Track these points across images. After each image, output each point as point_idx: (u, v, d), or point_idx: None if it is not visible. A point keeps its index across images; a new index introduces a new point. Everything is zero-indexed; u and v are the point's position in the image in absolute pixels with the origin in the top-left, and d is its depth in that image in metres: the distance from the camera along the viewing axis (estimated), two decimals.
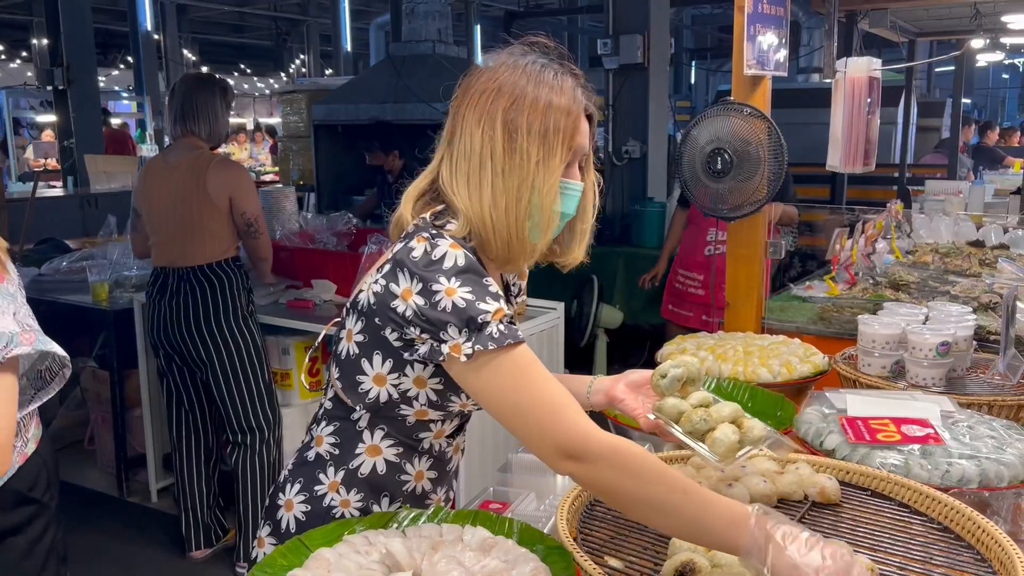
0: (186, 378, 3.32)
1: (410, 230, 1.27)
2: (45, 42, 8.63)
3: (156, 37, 13.78)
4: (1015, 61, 19.03)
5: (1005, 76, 25.47)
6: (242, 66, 21.50)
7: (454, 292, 1.17)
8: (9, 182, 9.99)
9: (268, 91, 18.52)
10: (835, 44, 3.12)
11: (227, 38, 20.21)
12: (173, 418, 3.41)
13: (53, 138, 11.12)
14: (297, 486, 1.37)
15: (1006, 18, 4.62)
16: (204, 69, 16.67)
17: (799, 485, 1.34)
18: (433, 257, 1.19)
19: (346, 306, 1.33)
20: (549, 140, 1.24)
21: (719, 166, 2.75)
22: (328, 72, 16.64)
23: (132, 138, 11.99)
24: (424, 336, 1.19)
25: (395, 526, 1.22)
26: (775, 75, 2.89)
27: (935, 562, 1.16)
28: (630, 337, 5.22)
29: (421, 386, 1.27)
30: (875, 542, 1.21)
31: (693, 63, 17.78)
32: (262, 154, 13.97)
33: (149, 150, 11.21)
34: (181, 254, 3.16)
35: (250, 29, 19.97)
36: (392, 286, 1.21)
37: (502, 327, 1.17)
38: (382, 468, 1.34)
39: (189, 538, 3.43)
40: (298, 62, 19.38)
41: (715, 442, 1.22)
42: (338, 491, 1.34)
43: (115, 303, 3.82)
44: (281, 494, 1.39)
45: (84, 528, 3.62)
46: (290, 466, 1.41)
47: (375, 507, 1.34)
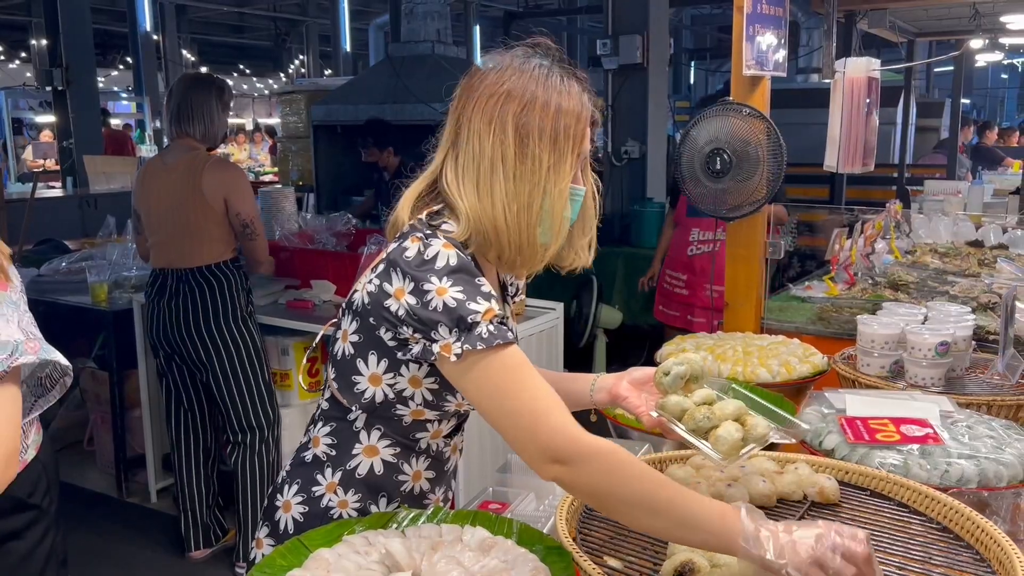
0: (185, 378, 3.32)
1: (405, 230, 1.27)
2: (44, 43, 8.63)
3: (155, 37, 13.78)
4: (1014, 61, 19.03)
5: (1004, 76, 25.49)
6: (241, 66, 21.51)
7: (445, 292, 1.17)
8: (8, 183, 9.99)
9: (267, 91, 18.52)
10: (834, 44, 3.12)
11: (226, 38, 20.22)
12: (172, 418, 3.40)
13: (52, 138, 11.13)
14: (295, 487, 1.37)
15: (1005, 18, 4.62)
16: (203, 69, 16.66)
17: (798, 485, 1.34)
18: (426, 257, 1.20)
19: (342, 306, 1.33)
20: (560, 145, 1.23)
21: (718, 166, 2.75)
22: (327, 72, 16.64)
23: (132, 139, 11.99)
24: (416, 336, 1.19)
25: (394, 526, 1.23)
26: (774, 75, 2.89)
27: (934, 562, 1.16)
28: (629, 337, 5.22)
29: (416, 386, 1.27)
30: (874, 542, 1.21)
31: (692, 63, 17.80)
32: (261, 154, 13.96)
33: (148, 151, 11.20)
34: (179, 256, 3.16)
35: (249, 29, 19.98)
36: (386, 285, 1.21)
37: (492, 328, 1.16)
38: (379, 468, 1.34)
39: (188, 538, 3.43)
40: (297, 62, 19.39)
41: (718, 440, 1.22)
42: (336, 492, 1.34)
43: (114, 304, 3.82)
44: (279, 495, 1.39)
45: (83, 529, 3.62)
46: (288, 467, 1.41)
47: (373, 507, 1.34)
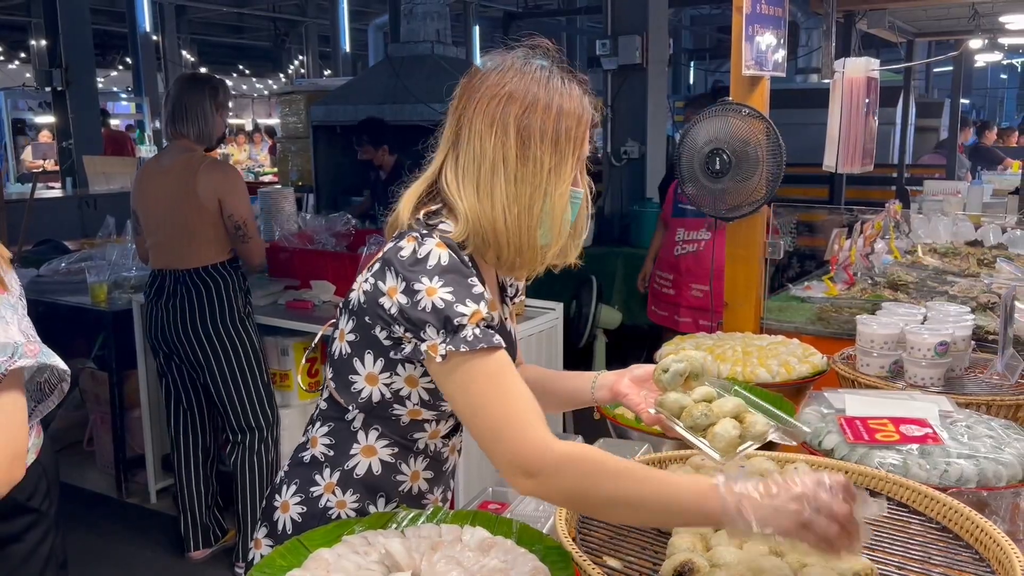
0: (185, 379, 3.32)
1: (403, 230, 1.27)
2: (44, 43, 8.62)
3: (155, 38, 13.79)
4: (1013, 61, 19.04)
5: (1003, 76, 25.51)
6: (241, 67, 21.51)
7: (435, 292, 1.17)
8: (8, 183, 9.98)
9: (267, 92, 18.50)
10: (833, 44, 3.12)
11: (226, 39, 20.22)
12: (172, 418, 3.40)
13: (50, 139, 11.12)
14: (293, 487, 1.37)
15: (1004, 18, 4.62)
16: (203, 70, 16.66)
17: None
18: (419, 256, 1.20)
19: (339, 306, 1.34)
20: (561, 147, 1.24)
21: (717, 166, 2.75)
22: (327, 73, 16.65)
23: (131, 139, 11.98)
24: (408, 335, 1.20)
25: (394, 526, 1.23)
26: (773, 75, 2.89)
27: (933, 561, 1.16)
28: (629, 337, 5.22)
29: (413, 385, 1.27)
30: (874, 542, 1.21)
31: (692, 63, 17.83)
32: (261, 155, 13.96)
33: (148, 151, 11.20)
34: (176, 257, 3.16)
35: (249, 30, 19.98)
36: (380, 284, 1.22)
37: (477, 331, 1.16)
38: (377, 469, 1.34)
39: (188, 538, 3.43)
40: (297, 63, 19.40)
41: (715, 437, 1.22)
42: (334, 492, 1.34)
43: (114, 304, 3.82)
44: (277, 495, 1.39)
45: (83, 529, 3.62)
46: (287, 467, 1.42)
47: (371, 508, 1.34)
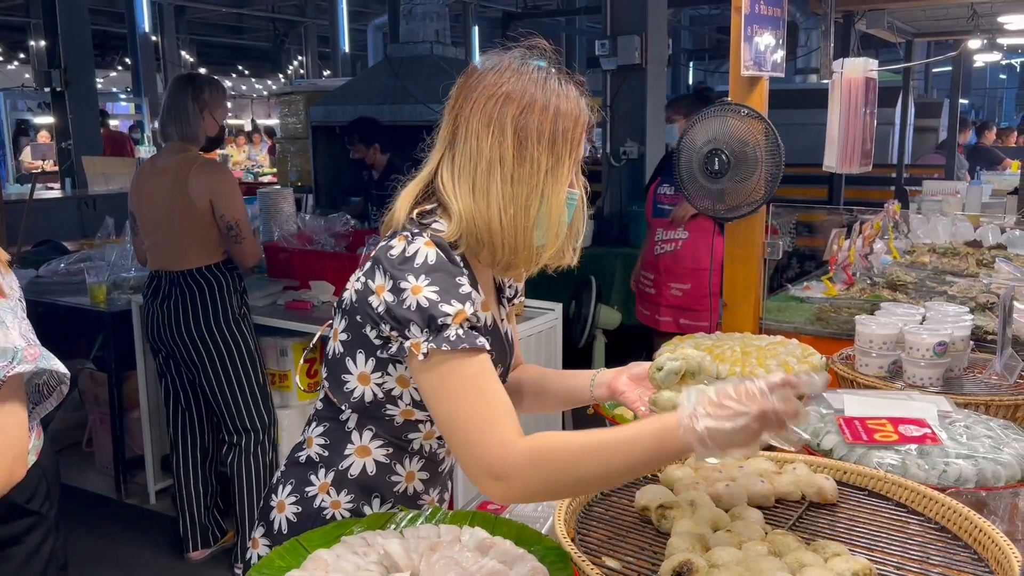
0: (183, 379, 3.32)
1: (397, 228, 1.28)
2: (43, 44, 8.62)
3: (154, 39, 13.79)
4: (1012, 61, 19.05)
5: (1003, 76, 25.53)
6: (240, 67, 21.51)
7: (420, 290, 1.17)
8: (7, 184, 9.99)
9: (266, 92, 18.51)
10: (831, 45, 3.12)
11: (225, 39, 20.22)
12: (171, 418, 3.41)
13: (49, 139, 11.11)
14: (289, 487, 1.37)
15: (1003, 19, 4.62)
16: (202, 70, 16.66)
17: (796, 485, 1.34)
18: (407, 255, 1.20)
19: (334, 306, 1.34)
20: (558, 148, 1.23)
21: (716, 167, 2.75)
22: (326, 73, 16.65)
23: (131, 140, 11.98)
24: (394, 333, 1.20)
25: (393, 527, 1.23)
26: (772, 76, 2.89)
27: (932, 562, 1.16)
28: (628, 338, 5.21)
29: (404, 385, 1.28)
30: (872, 542, 1.21)
31: (691, 64, 17.83)
32: (260, 155, 13.96)
33: (147, 152, 11.21)
34: (171, 258, 3.16)
35: (248, 30, 19.99)
36: (370, 283, 1.22)
37: (461, 331, 1.16)
38: (372, 469, 1.34)
39: (187, 539, 3.43)
40: (296, 63, 19.40)
41: None
42: (328, 492, 1.34)
43: (113, 305, 3.82)
44: (274, 495, 1.40)
45: (82, 530, 3.62)
46: (283, 467, 1.42)
47: (366, 508, 1.34)
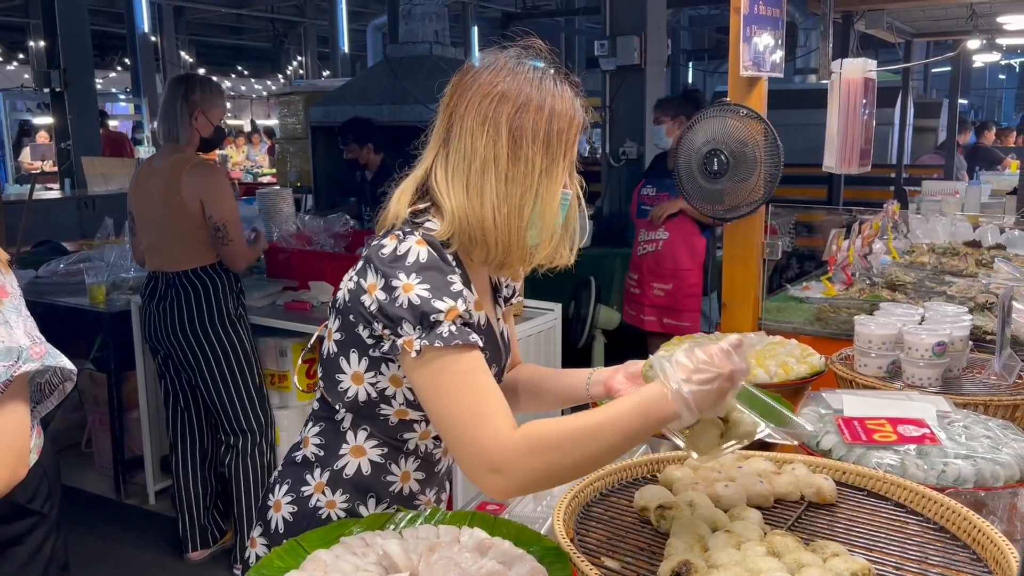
0: (182, 379, 3.32)
1: (389, 227, 1.28)
2: (42, 44, 8.61)
3: (153, 39, 13.79)
4: (1011, 62, 19.06)
5: (1002, 76, 25.54)
6: (239, 68, 21.51)
7: (411, 288, 1.17)
8: (6, 184, 9.98)
9: (265, 93, 18.52)
10: (830, 45, 3.12)
11: (224, 40, 20.22)
12: (170, 418, 3.41)
13: (48, 140, 11.11)
14: (285, 487, 1.38)
15: (1002, 19, 4.63)
16: (201, 71, 16.66)
17: (795, 486, 1.34)
18: (398, 253, 1.20)
19: (329, 305, 1.34)
20: (552, 148, 1.23)
21: (715, 167, 2.75)
22: (325, 74, 16.64)
23: (130, 140, 11.98)
24: (386, 331, 1.20)
25: (392, 528, 1.23)
26: (771, 76, 2.89)
27: (931, 562, 1.16)
28: (628, 338, 5.22)
29: (398, 385, 1.28)
30: (871, 542, 1.21)
31: (690, 64, 17.81)
32: (259, 156, 13.96)
33: (146, 152, 11.21)
34: (167, 259, 3.17)
35: (247, 31, 19.98)
36: (362, 282, 1.22)
37: (453, 328, 1.17)
38: (367, 469, 1.34)
39: (186, 539, 3.43)
40: (295, 64, 19.39)
41: (694, 434, 1.21)
42: (324, 492, 1.34)
43: (112, 305, 3.82)
44: (271, 495, 1.40)
45: (82, 531, 3.62)
46: (280, 467, 1.42)
47: (361, 508, 1.34)
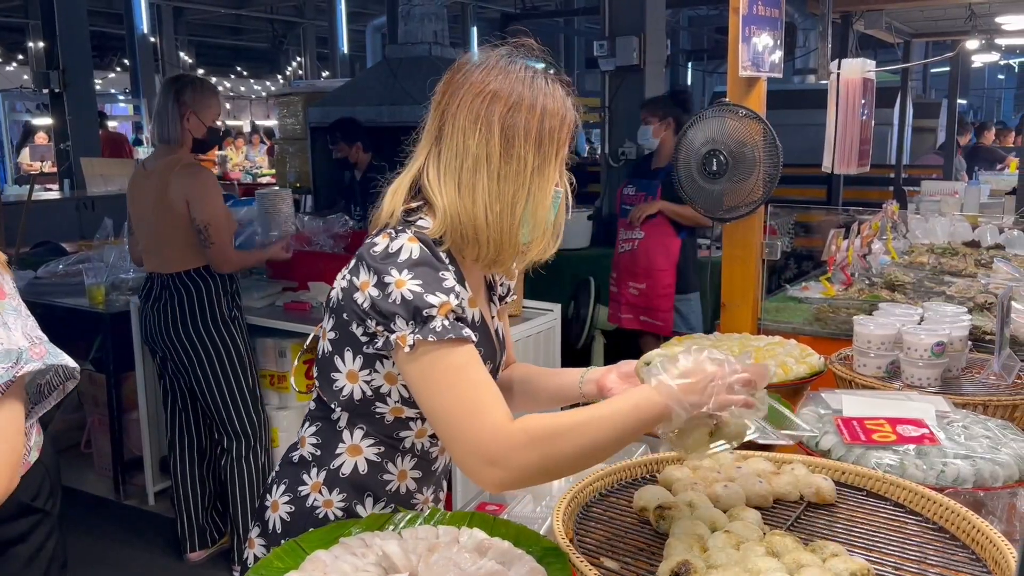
0: (179, 380, 3.32)
1: (382, 225, 1.28)
2: (41, 45, 8.60)
3: (152, 40, 13.79)
4: (1011, 62, 19.07)
5: (1001, 76, 25.55)
6: (238, 68, 21.50)
7: (404, 284, 1.18)
8: (6, 185, 9.98)
9: (264, 94, 18.52)
10: (829, 45, 3.11)
11: (223, 40, 20.22)
12: (169, 419, 3.41)
13: (47, 140, 11.11)
14: (283, 487, 1.38)
15: (1000, 19, 4.63)
16: (200, 71, 16.66)
17: (795, 486, 1.34)
18: (390, 250, 1.21)
19: (324, 305, 1.35)
20: (544, 147, 1.24)
21: (714, 167, 2.75)
22: (325, 74, 16.64)
23: (129, 141, 11.98)
24: (380, 328, 1.20)
25: (391, 528, 1.23)
26: (770, 76, 2.89)
27: (930, 562, 1.16)
28: (627, 338, 5.22)
29: (392, 382, 1.28)
30: (870, 542, 1.21)
31: (689, 64, 17.81)
32: (259, 156, 13.96)
33: (146, 153, 11.20)
34: (161, 261, 3.17)
35: (246, 31, 19.98)
36: (354, 280, 1.23)
37: (447, 322, 1.17)
38: (363, 468, 1.34)
39: (185, 540, 3.43)
40: (295, 64, 19.38)
41: (683, 435, 1.21)
42: (320, 491, 1.34)
43: (111, 306, 3.82)
44: (269, 495, 1.40)
45: (81, 532, 3.61)
46: (278, 467, 1.43)
47: (358, 507, 1.34)
